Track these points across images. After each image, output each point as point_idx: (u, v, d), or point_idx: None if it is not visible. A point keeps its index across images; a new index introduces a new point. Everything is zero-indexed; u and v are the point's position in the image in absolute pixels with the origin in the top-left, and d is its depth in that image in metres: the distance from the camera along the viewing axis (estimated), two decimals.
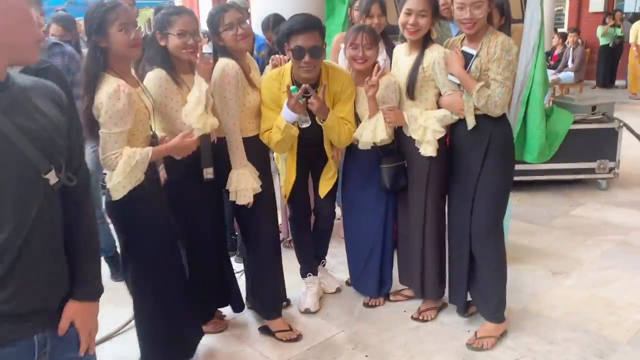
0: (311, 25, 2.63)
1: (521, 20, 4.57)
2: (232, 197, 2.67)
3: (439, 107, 2.78)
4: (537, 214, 4.69)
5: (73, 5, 6.19)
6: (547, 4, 9.56)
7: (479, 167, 2.67)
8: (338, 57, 3.46)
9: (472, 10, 2.51)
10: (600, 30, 11.82)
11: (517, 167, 4.61)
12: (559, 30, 12.14)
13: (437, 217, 2.90)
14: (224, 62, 2.58)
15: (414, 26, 2.67)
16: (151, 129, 2.34)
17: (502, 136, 2.68)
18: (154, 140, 2.35)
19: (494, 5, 2.95)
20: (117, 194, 2.17)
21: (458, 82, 2.63)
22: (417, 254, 2.95)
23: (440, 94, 2.76)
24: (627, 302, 3.19)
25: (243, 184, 2.62)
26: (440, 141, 2.75)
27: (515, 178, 4.69)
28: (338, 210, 3.32)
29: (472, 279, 2.90)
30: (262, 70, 3.45)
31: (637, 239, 4.08)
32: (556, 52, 10.49)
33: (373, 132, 2.74)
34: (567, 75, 9.82)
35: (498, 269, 2.80)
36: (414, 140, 2.78)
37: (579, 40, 10.47)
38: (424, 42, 2.74)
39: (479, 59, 2.57)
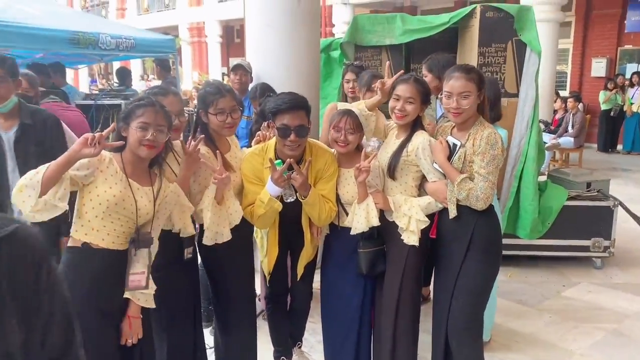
0: (298, 105, 2.65)
1: (516, 95, 4.56)
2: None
3: (420, 191, 2.75)
4: (528, 293, 4.55)
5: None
6: (549, 66, 9.67)
7: (460, 262, 2.60)
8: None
9: (459, 100, 2.51)
10: (602, 96, 11.87)
11: (511, 241, 4.63)
12: (561, 93, 12.20)
13: (411, 306, 2.77)
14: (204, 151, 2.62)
15: (401, 111, 2.69)
16: None
17: (486, 231, 2.60)
18: None
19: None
20: None
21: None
22: (388, 343, 2.81)
23: (420, 179, 2.75)
24: None
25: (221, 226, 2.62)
26: (423, 230, 2.68)
27: (508, 253, 4.67)
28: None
29: None
30: (249, 134, 3.50)
31: (629, 329, 3.92)
32: (557, 117, 10.51)
33: (366, 218, 2.69)
34: (567, 140, 9.81)
35: None
36: (396, 225, 2.72)
37: (580, 106, 10.51)
38: (413, 126, 2.74)
39: (463, 149, 2.54)
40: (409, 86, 2.68)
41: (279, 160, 2.61)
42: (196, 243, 2.80)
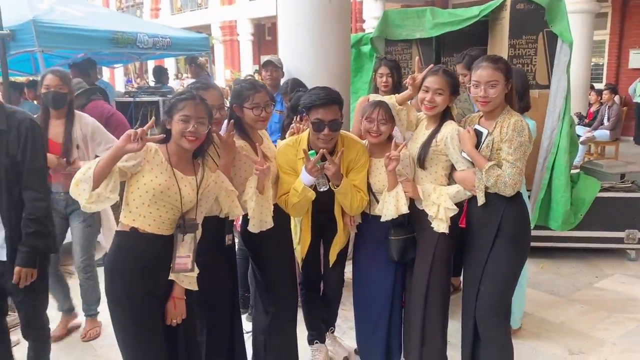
0: (331, 100, 2.73)
1: (548, 86, 4.57)
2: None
3: (450, 180, 2.80)
4: (560, 284, 4.55)
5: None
6: (584, 58, 9.52)
7: (489, 248, 2.63)
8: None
9: (487, 89, 2.54)
10: (638, 89, 11.56)
11: (542, 233, 4.64)
12: (596, 85, 11.94)
13: (440, 292, 2.81)
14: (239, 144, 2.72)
15: (431, 103, 2.74)
16: None
17: (515, 218, 2.63)
18: None
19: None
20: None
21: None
22: (417, 329, 2.86)
23: (450, 169, 2.80)
24: None
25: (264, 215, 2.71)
26: (453, 218, 2.72)
27: (540, 244, 4.69)
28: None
29: None
30: (281, 128, 3.60)
31: None
32: (592, 110, 10.32)
33: (395, 205, 2.75)
34: (603, 133, 9.62)
35: (504, 356, 2.71)
36: (426, 213, 2.77)
37: (616, 98, 10.28)
38: (442, 117, 2.80)
39: (491, 137, 2.59)
40: (437, 78, 2.73)
41: (312, 151, 2.70)
42: (239, 231, 2.93)
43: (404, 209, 2.75)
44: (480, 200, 2.62)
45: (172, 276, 2.35)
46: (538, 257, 4.88)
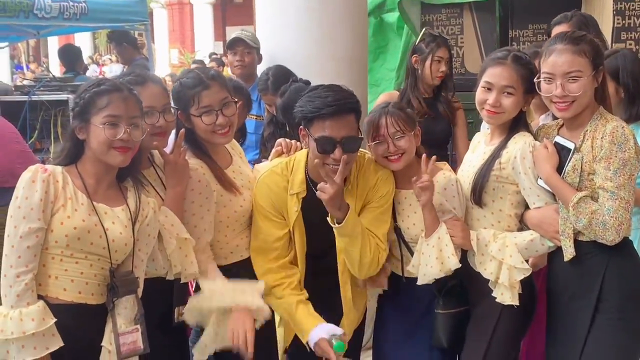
0: (345, 107, 2.18)
1: None
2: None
3: (522, 224, 2.26)
4: None
5: None
6: None
7: (586, 329, 2.09)
8: None
9: (566, 84, 2.07)
10: None
11: None
12: None
13: None
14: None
15: (495, 107, 2.24)
16: None
17: (624, 279, 2.10)
18: None
19: (607, 75, 2.42)
20: None
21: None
22: None
23: (521, 206, 2.26)
24: None
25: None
26: (525, 281, 2.18)
27: None
28: None
29: None
30: (260, 142, 3.26)
31: None
32: None
33: (439, 258, 2.22)
34: None
35: None
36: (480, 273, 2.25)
37: None
38: (512, 127, 2.29)
39: (579, 155, 2.10)
40: (506, 69, 2.23)
41: (339, 342, 2.13)
42: None
43: (453, 263, 2.20)
44: (569, 253, 2.10)
45: None
46: None
